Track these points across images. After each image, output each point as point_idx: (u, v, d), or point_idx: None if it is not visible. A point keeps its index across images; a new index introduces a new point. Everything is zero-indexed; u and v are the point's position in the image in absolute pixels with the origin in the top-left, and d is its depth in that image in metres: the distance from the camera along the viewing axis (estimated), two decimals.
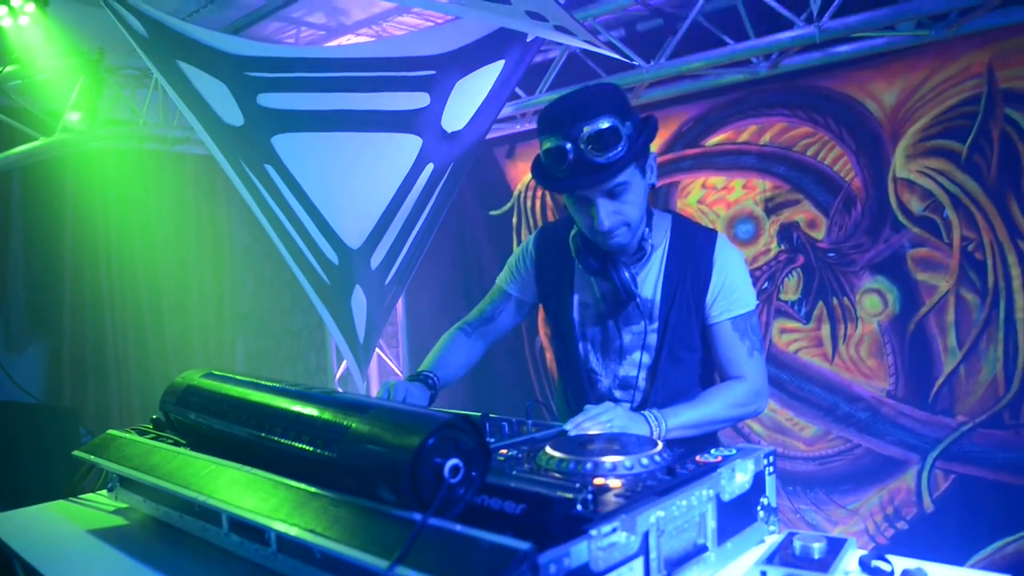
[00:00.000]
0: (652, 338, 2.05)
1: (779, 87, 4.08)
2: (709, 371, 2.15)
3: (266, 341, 6.11)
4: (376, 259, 4.07)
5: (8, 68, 3.84)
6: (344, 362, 5.91)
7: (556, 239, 2.16)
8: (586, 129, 1.77)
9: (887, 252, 3.83)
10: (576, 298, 2.14)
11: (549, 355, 5.04)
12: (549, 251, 2.20)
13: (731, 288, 2.01)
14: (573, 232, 2.04)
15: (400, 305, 5.90)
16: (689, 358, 2.08)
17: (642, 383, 2.08)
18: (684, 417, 1.88)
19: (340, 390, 4.09)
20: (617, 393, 2.12)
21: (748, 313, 2.02)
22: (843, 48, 3.72)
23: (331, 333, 4.04)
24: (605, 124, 1.77)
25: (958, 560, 3.54)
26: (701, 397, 1.99)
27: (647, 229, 1.98)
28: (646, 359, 2.07)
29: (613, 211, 1.87)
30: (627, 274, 1.96)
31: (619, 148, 1.78)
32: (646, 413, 1.85)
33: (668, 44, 3.96)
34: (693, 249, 2.03)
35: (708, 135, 4.39)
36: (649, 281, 2.05)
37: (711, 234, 2.07)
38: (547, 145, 1.84)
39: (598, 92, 1.86)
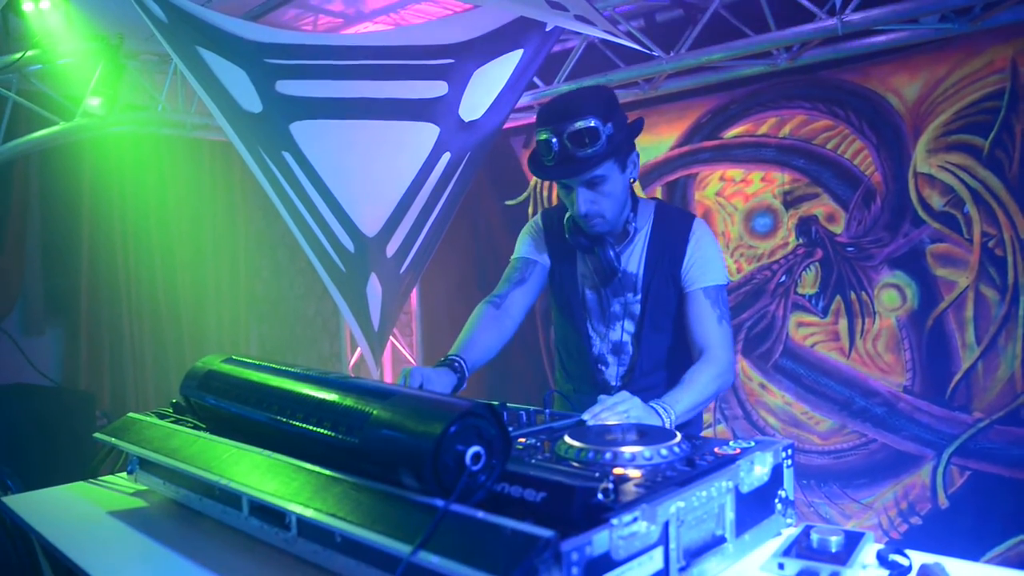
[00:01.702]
0: (636, 308, 2.28)
1: (800, 80, 4.06)
2: (681, 342, 2.29)
3: (280, 327, 6.13)
4: (392, 247, 4.08)
5: (29, 53, 3.86)
6: (358, 349, 5.92)
7: (558, 218, 2.37)
8: (570, 126, 2.02)
9: (906, 247, 3.80)
10: (579, 269, 2.36)
11: None
12: (554, 227, 2.39)
13: (703, 261, 2.21)
14: (567, 215, 2.27)
15: (415, 294, 5.91)
16: (670, 326, 2.28)
17: (630, 348, 2.31)
18: (685, 402, 1.97)
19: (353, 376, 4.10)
20: (609, 357, 2.33)
21: (719, 286, 2.22)
22: (865, 41, 3.69)
23: (346, 320, 4.05)
24: (586, 124, 2.01)
25: (972, 557, 3.53)
26: (688, 380, 2.06)
27: (632, 214, 2.23)
28: (632, 327, 2.30)
29: (590, 199, 2.12)
30: (612, 252, 2.20)
31: (597, 145, 2.03)
32: (655, 404, 1.89)
33: (688, 35, 3.94)
34: (672, 229, 2.26)
35: (727, 127, 4.37)
36: (634, 258, 2.27)
37: (689, 216, 2.31)
38: (539, 137, 2.10)
39: (586, 94, 2.12)
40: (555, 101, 2.12)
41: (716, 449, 1.40)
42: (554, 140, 2.04)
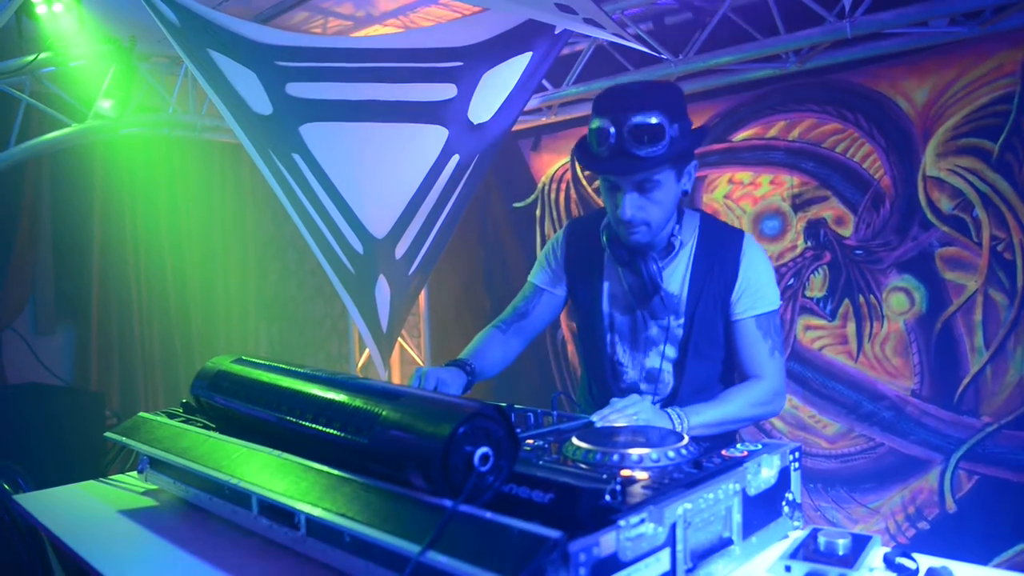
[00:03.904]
0: (678, 332, 2.07)
1: (809, 83, 4.05)
2: (731, 369, 2.15)
3: (289, 329, 6.15)
4: (400, 249, 4.09)
5: (42, 55, 3.89)
6: (366, 351, 5.93)
7: (587, 230, 2.18)
8: (633, 119, 1.80)
9: (915, 250, 3.79)
10: (606, 288, 2.15)
11: (571, 348, 5.04)
12: (580, 242, 2.21)
13: (757, 286, 2.02)
14: (604, 222, 2.08)
15: (423, 295, 5.91)
16: (713, 354, 2.10)
17: (667, 376, 2.10)
18: (706, 415, 1.89)
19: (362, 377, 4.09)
20: (643, 386, 2.13)
21: (772, 312, 2.04)
22: (874, 44, 3.68)
23: (355, 322, 4.06)
24: (651, 120, 1.80)
25: (980, 562, 3.51)
26: (722, 396, 1.99)
27: (677, 226, 2.01)
28: (672, 353, 2.09)
29: (638, 205, 1.90)
30: (655, 267, 1.98)
31: (659, 146, 1.81)
32: (669, 410, 1.86)
33: (697, 38, 3.94)
34: (720, 247, 2.05)
35: (736, 130, 4.36)
36: (676, 276, 2.06)
37: (738, 233, 2.10)
38: (595, 125, 1.88)
39: (657, 87, 1.92)
40: (620, 88, 1.92)
41: (723, 452, 1.40)
42: (612, 130, 1.81)
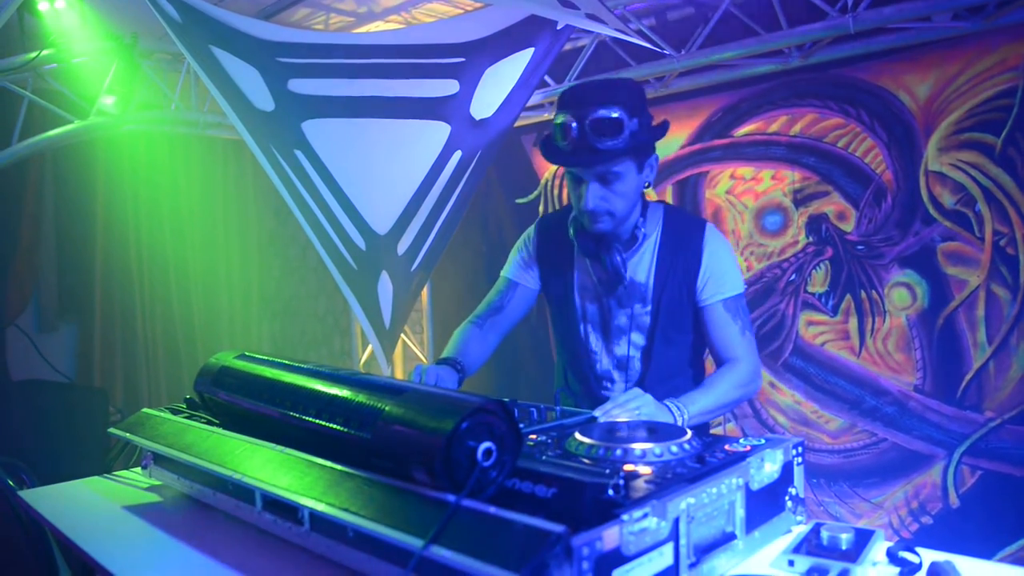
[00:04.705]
0: (645, 320, 2.16)
1: (811, 78, 4.05)
2: (699, 354, 2.24)
3: (291, 325, 6.15)
4: (403, 245, 4.09)
5: (44, 52, 3.88)
6: (369, 347, 5.94)
7: (557, 225, 2.26)
8: (593, 114, 1.89)
9: (917, 245, 3.79)
10: (576, 280, 2.23)
11: None
12: (550, 236, 2.29)
13: (721, 272, 2.11)
14: (572, 216, 2.15)
15: (425, 291, 5.92)
16: (681, 340, 2.19)
17: (637, 363, 2.19)
18: (700, 404, 1.95)
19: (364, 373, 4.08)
20: (615, 373, 2.22)
21: (738, 295, 2.13)
22: (877, 39, 3.68)
23: (357, 318, 4.07)
24: (612, 114, 1.89)
25: (983, 556, 3.50)
26: (708, 383, 2.06)
27: (641, 219, 2.10)
28: (641, 340, 2.18)
29: (600, 196, 1.99)
30: (619, 258, 2.07)
31: (619, 139, 1.90)
32: (668, 403, 1.89)
33: (699, 33, 3.94)
34: (684, 236, 2.14)
35: (738, 125, 4.36)
36: (643, 266, 2.14)
37: (700, 222, 2.18)
38: (558, 120, 1.96)
39: (616, 84, 2.00)
40: (582, 85, 2.00)
41: (726, 446, 1.40)
42: (574, 125, 1.91)
